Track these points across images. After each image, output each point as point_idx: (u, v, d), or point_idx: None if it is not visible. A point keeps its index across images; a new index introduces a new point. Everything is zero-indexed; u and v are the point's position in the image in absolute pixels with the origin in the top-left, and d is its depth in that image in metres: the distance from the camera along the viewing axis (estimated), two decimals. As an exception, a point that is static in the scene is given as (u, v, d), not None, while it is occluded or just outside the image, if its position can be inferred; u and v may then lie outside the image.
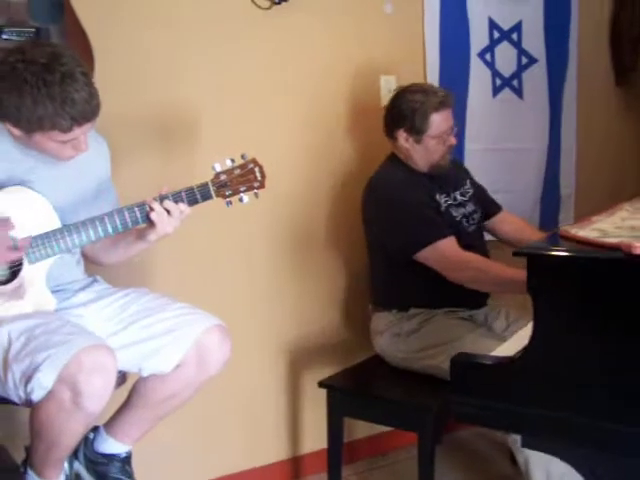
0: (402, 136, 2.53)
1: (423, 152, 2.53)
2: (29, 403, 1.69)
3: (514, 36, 3.19)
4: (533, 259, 1.54)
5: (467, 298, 2.51)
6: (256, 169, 1.93)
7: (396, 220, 2.47)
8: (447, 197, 2.57)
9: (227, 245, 2.64)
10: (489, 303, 2.61)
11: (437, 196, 2.55)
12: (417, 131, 2.50)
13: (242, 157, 1.92)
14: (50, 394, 1.62)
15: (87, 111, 1.69)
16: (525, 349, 1.59)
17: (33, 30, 2.06)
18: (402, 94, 2.55)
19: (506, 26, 3.15)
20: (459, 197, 2.63)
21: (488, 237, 2.78)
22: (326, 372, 2.65)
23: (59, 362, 1.60)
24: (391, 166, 2.60)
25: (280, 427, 2.86)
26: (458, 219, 2.57)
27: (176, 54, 2.48)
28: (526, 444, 1.67)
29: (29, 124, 1.68)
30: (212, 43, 2.54)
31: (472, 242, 2.53)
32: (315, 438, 2.80)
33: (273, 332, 2.78)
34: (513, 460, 2.60)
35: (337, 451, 2.58)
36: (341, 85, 2.82)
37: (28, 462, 1.85)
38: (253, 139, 2.50)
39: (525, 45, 3.23)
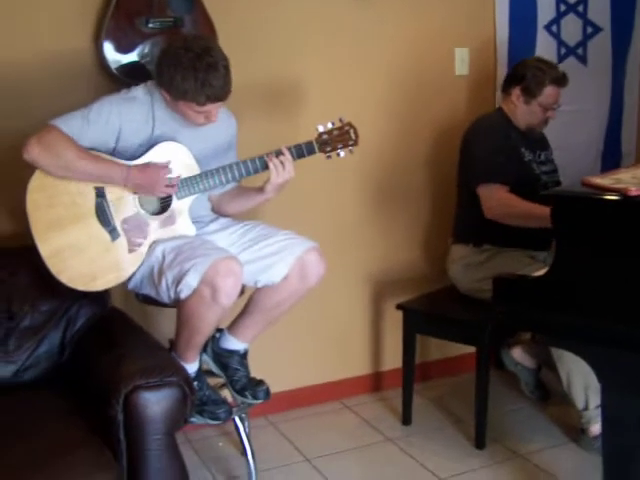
0: (515, 93, 2.86)
1: (526, 113, 2.87)
2: (176, 301, 2.19)
3: (580, 8, 3.41)
4: (555, 199, 1.96)
5: (532, 240, 2.80)
6: (351, 130, 2.33)
7: (478, 152, 2.83)
8: (532, 154, 2.90)
9: (322, 192, 3.03)
10: (552, 247, 2.85)
11: (522, 149, 2.88)
12: (530, 94, 2.82)
13: (340, 120, 2.32)
14: (195, 292, 2.11)
15: (219, 94, 2.15)
16: (550, 268, 2.00)
17: (172, 20, 2.53)
18: (530, 60, 2.90)
19: (572, -1, 3.40)
20: (542, 156, 2.96)
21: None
22: (405, 299, 2.98)
23: (202, 268, 2.08)
24: (494, 114, 2.97)
25: (364, 346, 3.26)
26: (537, 173, 2.89)
27: (286, 34, 2.86)
28: (550, 343, 2.09)
29: (176, 93, 2.15)
30: (317, 24, 2.92)
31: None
32: (393, 357, 3.18)
33: (360, 266, 3.17)
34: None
35: (410, 366, 2.94)
36: (421, 56, 3.15)
37: (172, 349, 2.33)
38: (348, 105, 2.83)
39: (590, 15, 3.44)
